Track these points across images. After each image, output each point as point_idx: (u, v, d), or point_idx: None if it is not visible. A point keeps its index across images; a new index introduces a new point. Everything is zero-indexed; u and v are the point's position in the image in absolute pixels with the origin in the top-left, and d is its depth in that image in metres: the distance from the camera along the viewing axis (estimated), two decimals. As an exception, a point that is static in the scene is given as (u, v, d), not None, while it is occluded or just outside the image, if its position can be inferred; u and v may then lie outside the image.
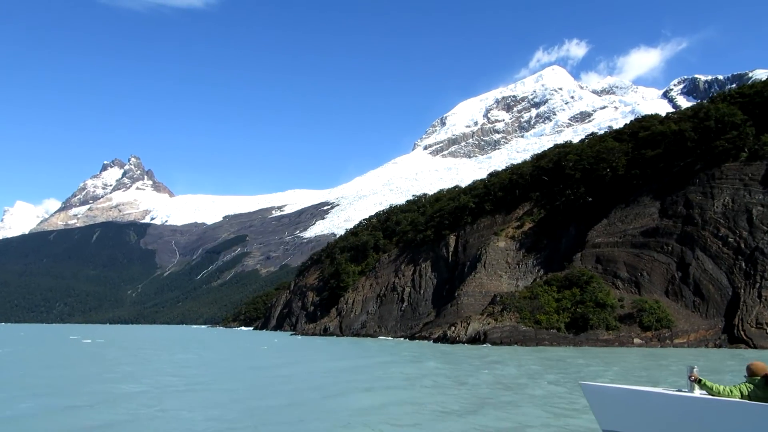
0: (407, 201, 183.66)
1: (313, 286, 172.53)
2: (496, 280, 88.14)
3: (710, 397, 9.19)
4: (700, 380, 9.44)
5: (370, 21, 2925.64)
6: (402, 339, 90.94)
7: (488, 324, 69.43)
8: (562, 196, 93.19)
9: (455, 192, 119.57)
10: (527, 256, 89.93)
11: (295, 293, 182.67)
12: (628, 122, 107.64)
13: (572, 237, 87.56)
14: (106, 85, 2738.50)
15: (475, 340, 67.70)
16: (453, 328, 72.41)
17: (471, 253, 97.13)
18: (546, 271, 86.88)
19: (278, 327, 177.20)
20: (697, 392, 9.42)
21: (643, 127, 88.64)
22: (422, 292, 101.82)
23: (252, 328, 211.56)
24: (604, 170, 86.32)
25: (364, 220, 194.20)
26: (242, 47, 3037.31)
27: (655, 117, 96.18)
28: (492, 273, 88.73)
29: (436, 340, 75.06)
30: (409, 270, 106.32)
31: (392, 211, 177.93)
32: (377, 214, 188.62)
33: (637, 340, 62.92)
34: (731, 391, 9.17)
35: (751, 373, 9.37)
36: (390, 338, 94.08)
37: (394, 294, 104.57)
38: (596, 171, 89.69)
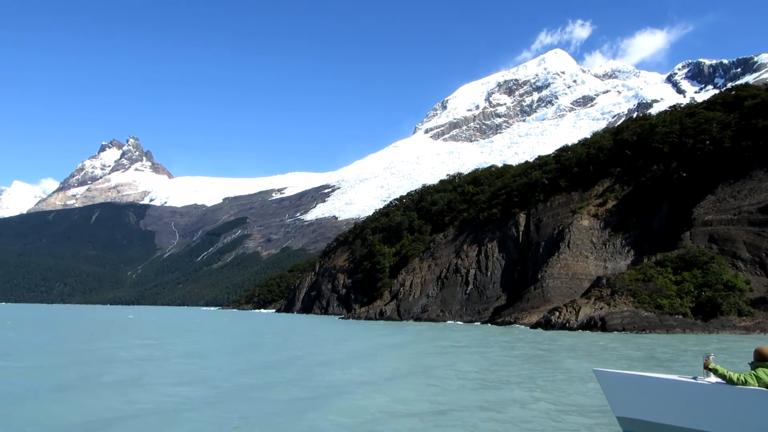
0: (440, 180, 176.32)
1: (344, 268, 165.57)
2: (582, 262, 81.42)
3: (724, 384, 8.92)
4: (716, 369, 9.04)
5: (370, 3, 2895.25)
6: (474, 323, 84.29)
7: (601, 309, 62.66)
8: (647, 171, 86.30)
9: (522, 167, 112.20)
10: (614, 236, 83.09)
11: (323, 275, 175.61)
12: (632, 106, 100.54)
13: (665, 215, 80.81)
14: (104, 66, 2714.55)
15: (589, 326, 60.94)
16: (557, 313, 65.58)
17: (546, 233, 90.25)
18: (637, 252, 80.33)
19: (306, 310, 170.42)
20: (713, 379, 9.10)
21: (744, 96, 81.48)
22: (489, 274, 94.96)
23: (274, 310, 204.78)
24: (702, 142, 79.32)
25: (394, 200, 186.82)
26: (241, 30, 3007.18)
27: (752, 86, 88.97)
28: (577, 254, 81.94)
29: (534, 326, 68.22)
30: (473, 250, 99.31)
31: (426, 191, 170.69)
32: (408, 194, 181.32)
33: (780, 328, 56.37)
34: (746, 379, 8.80)
35: (761, 357, 9.07)
36: (460, 323, 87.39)
37: (457, 276, 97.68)
38: (687, 144, 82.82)
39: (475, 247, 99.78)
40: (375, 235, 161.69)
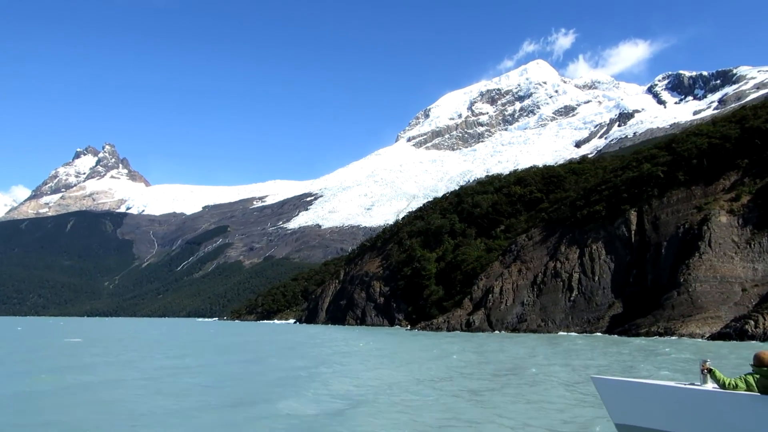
0: (477, 182, 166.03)
1: (378, 275, 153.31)
2: (728, 263, 71.16)
3: (721, 390, 8.84)
4: (711, 370, 9.01)
5: (353, 10, 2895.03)
6: (592, 334, 73.42)
7: (814, 316, 52.40)
8: (782, 162, 76.90)
9: (625, 159, 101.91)
10: (758, 234, 73.07)
11: (352, 283, 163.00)
12: (613, 116, 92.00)
13: (817, 210, 71.32)
14: (79, 71, 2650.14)
15: (808, 337, 50.62)
16: (752, 322, 55.11)
17: (668, 231, 79.97)
18: (789, 252, 70.52)
19: (335, 321, 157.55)
20: (710, 385, 9.08)
21: None
22: (596, 278, 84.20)
23: (293, 321, 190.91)
24: None
25: (428, 202, 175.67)
26: (221, 36, 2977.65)
27: None
28: (721, 254, 71.72)
29: (713, 338, 57.55)
30: (573, 252, 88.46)
31: (465, 193, 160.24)
32: (445, 196, 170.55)
33: None
34: (737, 384, 8.74)
35: (759, 362, 8.85)
36: (574, 335, 76.33)
37: (557, 281, 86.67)
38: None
39: (575, 248, 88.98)
40: (413, 239, 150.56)
